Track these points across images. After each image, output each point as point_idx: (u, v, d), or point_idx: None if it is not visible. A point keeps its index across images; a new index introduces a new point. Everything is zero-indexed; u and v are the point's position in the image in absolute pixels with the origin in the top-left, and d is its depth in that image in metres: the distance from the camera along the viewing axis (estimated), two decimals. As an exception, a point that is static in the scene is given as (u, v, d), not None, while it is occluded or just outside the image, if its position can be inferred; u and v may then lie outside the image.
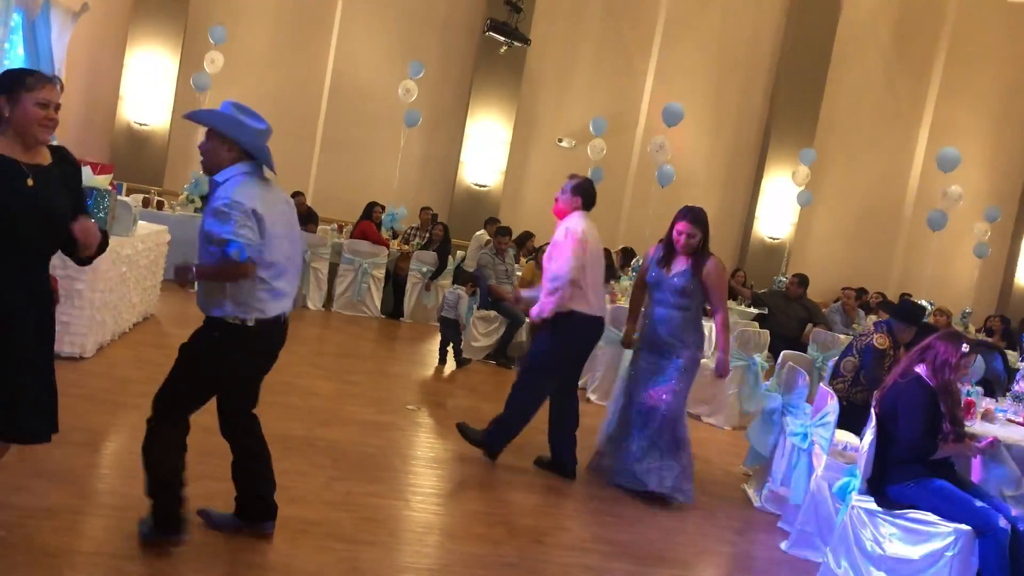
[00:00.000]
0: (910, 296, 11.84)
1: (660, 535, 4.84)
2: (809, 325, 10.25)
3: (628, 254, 11.27)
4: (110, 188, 6.58)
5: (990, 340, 10.80)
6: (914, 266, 15.31)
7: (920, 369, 4.28)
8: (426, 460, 5.58)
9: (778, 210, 14.76)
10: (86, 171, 6.66)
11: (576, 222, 5.45)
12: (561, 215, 5.63)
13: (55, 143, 3.37)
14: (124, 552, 3.57)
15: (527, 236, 11.82)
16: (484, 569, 4.04)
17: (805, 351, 9.03)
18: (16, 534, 3.50)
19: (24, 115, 3.09)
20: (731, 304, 11.89)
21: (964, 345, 4.24)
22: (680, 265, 5.37)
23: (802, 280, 10.62)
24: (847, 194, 15.54)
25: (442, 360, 8.62)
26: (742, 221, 15.25)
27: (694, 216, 5.38)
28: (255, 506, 3.89)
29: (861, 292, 11.31)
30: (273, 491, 3.91)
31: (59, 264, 6.14)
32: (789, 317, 10.41)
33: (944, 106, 15.77)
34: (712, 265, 5.36)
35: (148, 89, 12.73)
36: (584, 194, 5.61)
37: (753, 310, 11.08)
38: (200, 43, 12.57)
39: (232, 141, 3.59)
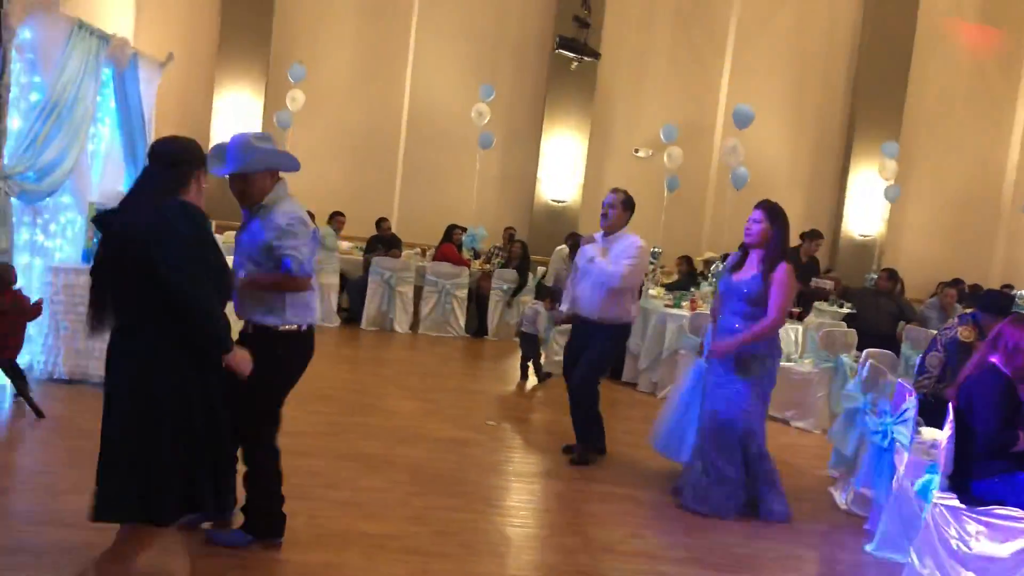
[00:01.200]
0: (1011, 288, 11.35)
1: (737, 541, 4.78)
2: (902, 323, 9.91)
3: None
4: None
5: None
6: (1016, 256, 14.65)
7: (995, 359, 4.14)
8: (503, 474, 5.65)
9: (867, 207, 14.36)
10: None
11: (637, 238, 5.84)
12: (614, 229, 5.90)
13: None
14: (211, 569, 3.77)
15: None
16: (557, 578, 4.09)
17: (898, 349, 8.78)
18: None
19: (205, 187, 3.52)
20: (822, 305, 11.62)
21: (1033, 325, 4.08)
22: (750, 270, 5.08)
23: (891, 274, 10.29)
24: (940, 186, 15.00)
25: (523, 375, 8.71)
26: (831, 220, 14.86)
27: (765, 206, 5.13)
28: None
29: (956, 283, 10.84)
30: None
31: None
32: (879, 313, 10.08)
33: (1041, 86, 15.09)
34: (780, 270, 4.97)
35: (236, 131, 13.25)
36: (632, 208, 6.00)
37: (843, 309, 10.80)
38: (282, 82, 13.05)
39: (274, 168, 3.87)
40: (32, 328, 6.63)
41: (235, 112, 13.26)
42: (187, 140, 3.48)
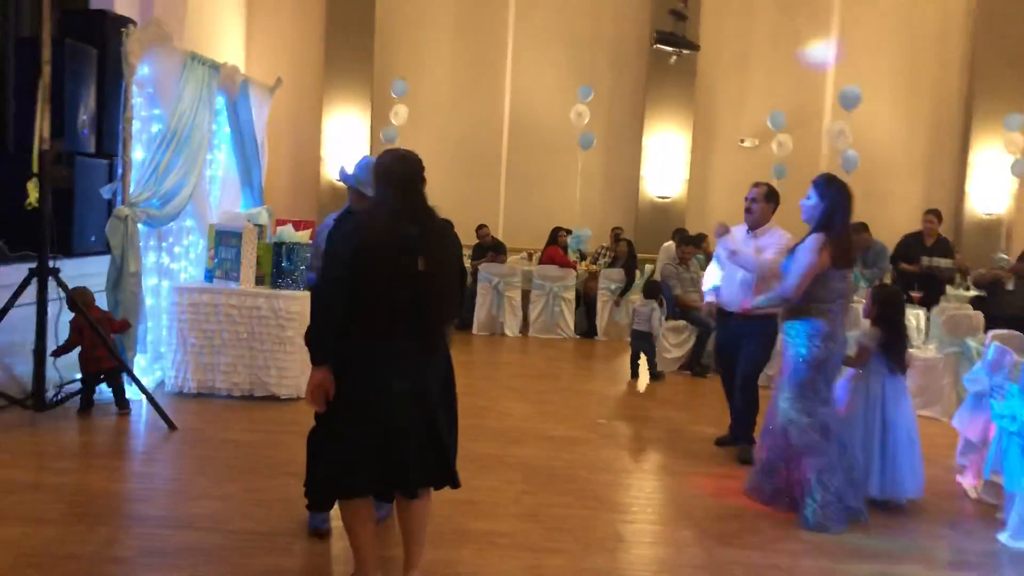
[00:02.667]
0: None
1: (858, 532, 4.64)
2: None
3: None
4: (309, 241, 7.17)
5: None
6: None
7: None
8: (615, 471, 5.64)
9: (992, 184, 13.63)
10: (288, 228, 7.35)
11: (784, 232, 5.82)
12: (759, 223, 5.88)
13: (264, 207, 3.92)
14: (329, 568, 3.92)
15: (702, 237, 11.62)
16: (670, 572, 4.06)
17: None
18: (238, 554, 3.92)
19: None
20: (952, 290, 11.09)
21: None
22: None
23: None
24: (1073, 156, 14.07)
25: (634, 374, 8.67)
26: (953, 200, 14.19)
27: (816, 180, 4.97)
28: None
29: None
30: None
31: (271, 315, 6.79)
32: (1015, 295, 9.52)
33: None
34: (807, 240, 4.86)
35: (345, 148, 13.71)
36: (777, 200, 5.96)
37: (969, 292, 10.29)
38: (386, 99, 13.41)
39: None
40: (163, 346, 7.06)
41: (343, 131, 13.71)
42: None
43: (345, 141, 13.72)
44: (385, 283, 3.29)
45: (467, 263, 11.67)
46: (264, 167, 9.23)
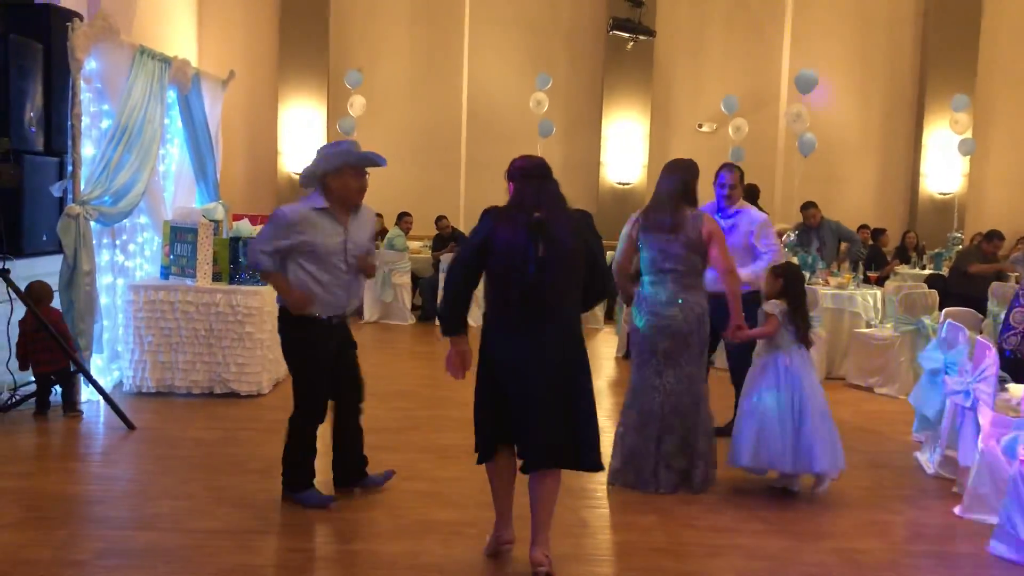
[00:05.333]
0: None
1: (818, 510, 4.71)
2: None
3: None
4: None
5: None
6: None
7: (1075, 307, 3.98)
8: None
9: (945, 164, 13.83)
10: (244, 223, 7.26)
11: (760, 213, 6.27)
12: (734, 204, 6.09)
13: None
14: (294, 564, 3.90)
15: None
16: (636, 556, 4.10)
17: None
18: (201, 554, 3.88)
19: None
20: (903, 268, 11.28)
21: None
22: None
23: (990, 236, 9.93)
24: (1021, 135, 14.34)
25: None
26: (908, 180, 14.39)
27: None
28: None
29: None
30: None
31: (229, 311, 6.71)
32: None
33: None
34: None
35: (303, 141, 13.55)
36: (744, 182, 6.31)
37: (924, 271, 10.46)
38: (343, 90, 13.28)
39: None
40: (119, 344, 6.96)
41: (300, 123, 13.56)
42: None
43: (302, 133, 13.58)
44: (507, 263, 3.71)
45: (428, 254, 11.63)
46: (219, 161, 9.10)
